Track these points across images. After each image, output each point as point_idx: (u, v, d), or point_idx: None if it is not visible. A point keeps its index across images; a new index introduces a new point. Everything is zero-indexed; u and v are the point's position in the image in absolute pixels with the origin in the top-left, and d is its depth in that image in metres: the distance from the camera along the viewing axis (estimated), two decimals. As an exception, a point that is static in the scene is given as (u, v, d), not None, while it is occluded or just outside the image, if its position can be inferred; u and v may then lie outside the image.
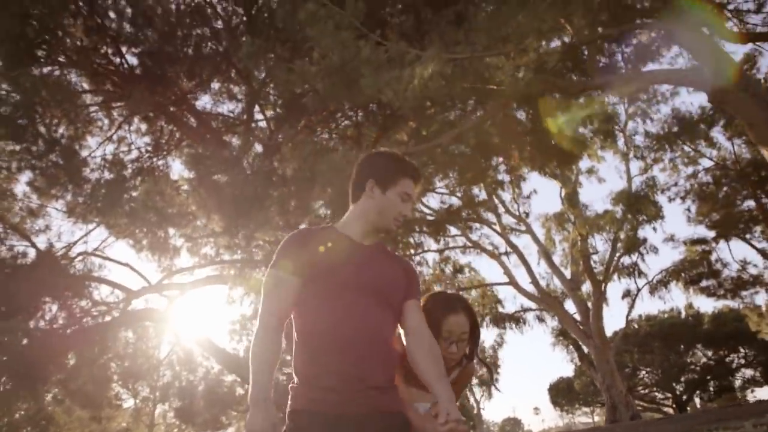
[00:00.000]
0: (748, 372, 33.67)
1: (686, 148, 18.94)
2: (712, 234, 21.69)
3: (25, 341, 12.25)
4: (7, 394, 13.10)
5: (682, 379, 33.76)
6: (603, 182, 23.36)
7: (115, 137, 13.90)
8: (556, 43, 11.42)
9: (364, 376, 1.90)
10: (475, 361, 2.52)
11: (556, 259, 22.95)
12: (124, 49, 12.69)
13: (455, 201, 19.15)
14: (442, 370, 1.97)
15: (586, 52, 11.47)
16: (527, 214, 21.99)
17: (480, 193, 19.85)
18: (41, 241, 13.36)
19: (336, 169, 6.72)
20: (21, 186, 13.26)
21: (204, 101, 18.15)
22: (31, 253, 12.99)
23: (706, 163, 19.64)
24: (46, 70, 11.67)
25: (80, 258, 13.70)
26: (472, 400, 39.13)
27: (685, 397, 34.02)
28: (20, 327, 11.86)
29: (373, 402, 1.89)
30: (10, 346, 11.70)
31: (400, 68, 6.18)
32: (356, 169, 2.26)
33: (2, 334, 11.25)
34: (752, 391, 34.46)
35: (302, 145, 9.92)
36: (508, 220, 21.88)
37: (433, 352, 2.01)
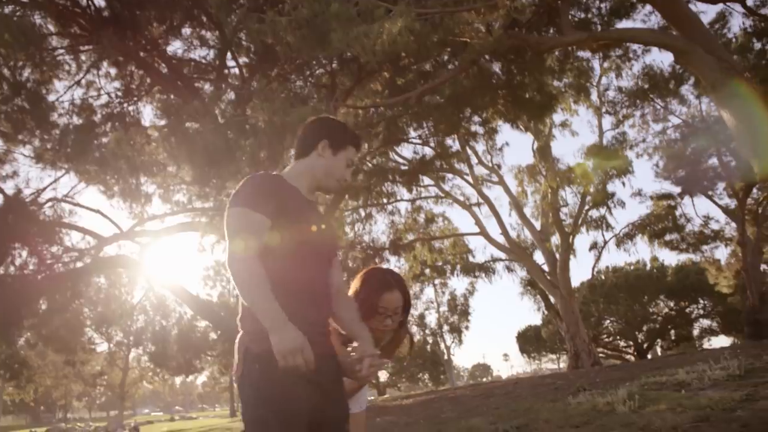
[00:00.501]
0: (706, 322, 35.10)
1: (656, 105, 19.18)
2: (677, 190, 22.24)
3: (-4, 287, 12.30)
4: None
5: (645, 328, 35.01)
6: (576, 136, 23.58)
7: (83, 82, 13.65)
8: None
9: (321, 321, 2.09)
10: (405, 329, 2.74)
11: (527, 210, 23.34)
12: (91, -9, 12.34)
13: (428, 151, 19.23)
14: (359, 318, 2.23)
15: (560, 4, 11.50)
16: (500, 166, 22.24)
17: (453, 143, 19.95)
18: (9, 187, 13.23)
19: (306, 120, 6.76)
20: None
21: (175, 47, 17.80)
22: (-1, 199, 12.87)
23: (675, 120, 19.97)
24: (8, 9, 11.30)
25: (50, 204, 13.62)
26: (442, 346, 40.09)
27: (646, 346, 35.37)
28: (-9, 272, 11.89)
29: (326, 344, 2.09)
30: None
31: (369, 23, 6.20)
32: (308, 128, 2.33)
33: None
34: (709, 340, 36.05)
35: (275, 94, 9.89)
36: (480, 171, 22.11)
37: (352, 305, 2.27)
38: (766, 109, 7.59)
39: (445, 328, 37.60)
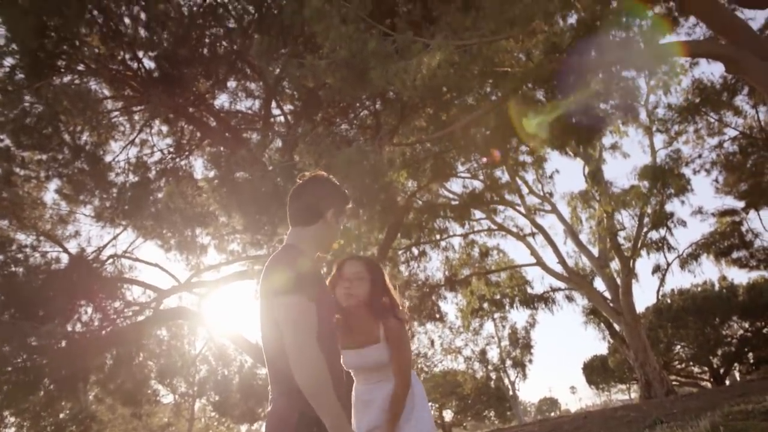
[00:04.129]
0: (788, 342, 33.03)
1: (710, 119, 18.56)
2: (741, 204, 21.30)
3: (63, 343, 12.66)
4: (51, 395, 13.55)
5: (719, 352, 33.23)
6: (627, 157, 23.16)
7: (137, 140, 14.17)
8: (571, 21, 11.33)
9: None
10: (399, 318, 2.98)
11: (583, 237, 22.84)
12: (140, 54, 12.89)
13: (478, 184, 19.10)
14: None
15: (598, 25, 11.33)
16: (551, 194, 21.88)
17: (503, 175, 19.77)
18: (72, 246, 13.74)
19: (351, 162, 6.79)
20: (50, 194, 13.62)
21: (222, 100, 18.34)
22: (64, 258, 13.36)
23: (732, 132, 19.24)
24: (66, 79, 11.91)
25: (111, 260, 14.05)
26: (506, 381, 39.12)
27: (722, 370, 33.54)
28: (58, 330, 12.25)
29: None
30: (50, 349, 12.11)
31: (407, 58, 6.22)
32: (313, 193, 2.29)
33: (41, 338, 11.63)
34: (792, 361, 33.86)
35: (320, 138, 10.01)
36: (532, 200, 21.79)
37: None
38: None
39: (508, 362, 36.71)
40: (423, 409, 2.89)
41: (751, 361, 34.19)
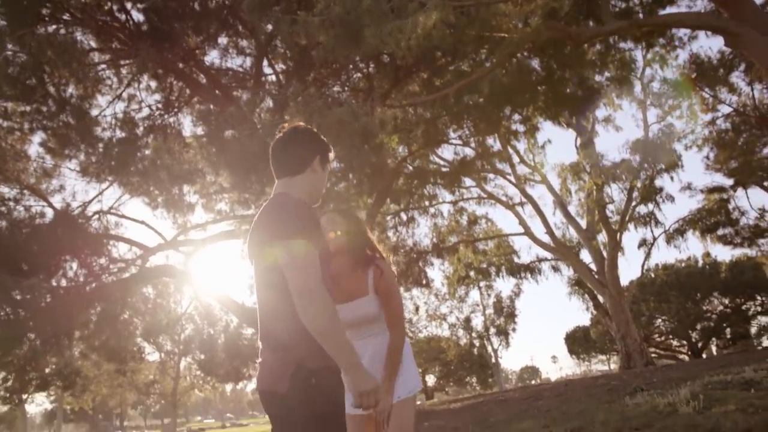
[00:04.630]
0: (765, 319, 33.62)
1: (704, 95, 18.45)
2: (730, 182, 21.38)
3: (48, 298, 12.58)
4: (35, 350, 13.53)
5: (698, 327, 33.78)
6: (620, 131, 23.02)
7: (125, 95, 13.90)
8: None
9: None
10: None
11: (572, 209, 22.85)
12: (128, 5, 12.56)
13: (469, 152, 18.98)
14: None
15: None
16: (542, 165, 21.79)
17: (494, 143, 19.65)
18: (57, 201, 13.54)
19: (342, 122, 6.67)
20: (34, 147, 13.36)
21: (212, 57, 18.04)
22: (49, 213, 13.19)
23: (725, 109, 19.16)
24: (51, 29, 11.57)
25: (96, 216, 13.88)
26: (489, 349, 39.63)
27: (700, 345, 34.15)
28: (41, 285, 12.15)
29: None
30: (34, 304, 12.03)
31: (403, 17, 6.06)
32: (298, 143, 2.28)
33: (24, 292, 11.53)
34: (768, 338, 34.54)
35: (312, 99, 9.84)
36: (522, 170, 21.72)
37: None
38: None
39: (492, 330, 37.15)
40: (411, 364, 2.87)
41: (728, 336, 34.81)
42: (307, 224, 2.00)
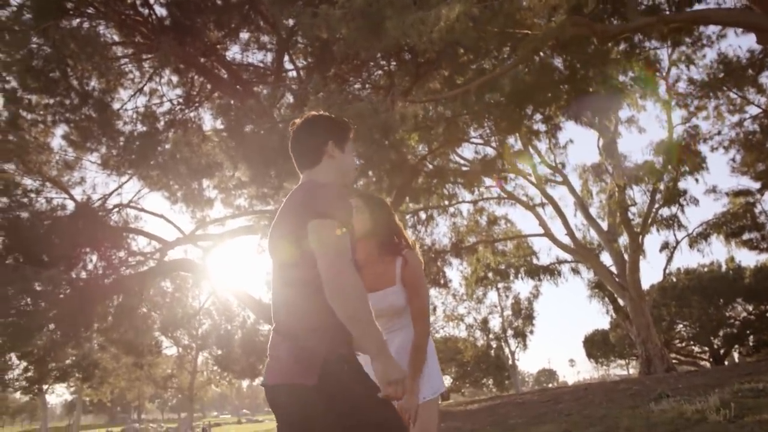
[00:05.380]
0: (790, 326, 32.97)
1: (732, 95, 18.06)
2: (757, 185, 20.89)
3: (68, 290, 12.67)
4: (54, 341, 13.63)
5: (721, 333, 33.26)
6: (643, 132, 22.67)
7: (146, 89, 13.94)
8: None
9: None
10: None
11: (593, 210, 22.58)
12: (151, 0, 12.60)
13: (490, 151, 18.80)
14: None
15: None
16: (563, 165, 21.51)
17: (515, 143, 19.45)
18: (77, 193, 13.63)
19: (362, 116, 6.58)
20: (56, 140, 13.47)
21: (233, 52, 18.04)
22: (70, 205, 13.27)
23: (753, 110, 18.73)
24: (75, 22, 11.64)
25: (116, 209, 13.95)
26: (506, 350, 39.38)
27: (722, 351, 33.59)
28: (62, 276, 12.23)
29: None
30: (53, 295, 12.12)
31: (425, 9, 5.94)
32: (308, 133, 2.22)
33: (44, 283, 11.61)
34: (793, 346, 33.84)
35: (332, 95, 9.77)
36: (543, 170, 21.47)
37: None
38: None
39: (509, 332, 36.91)
40: (434, 363, 2.75)
41: (752, 343, 34.17)
42: (336, 204, 1.93)
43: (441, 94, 11.70)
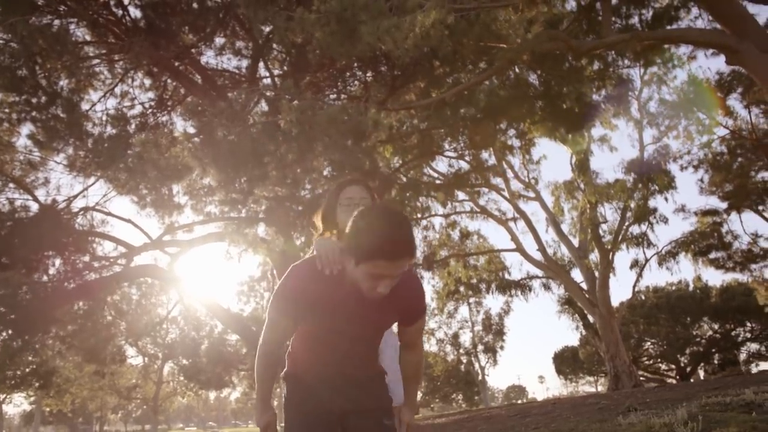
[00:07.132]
0: (754, 346, 33.63)
1: (701, 116, 18.44)
2: (724, 205, 21.32)
3: (27, 294, 12.26)
4: (9, 346, 13.17)
5: (687, 351, 33.75)
6: (615, 151, 23.00)
7: (117, 91, 13.67)
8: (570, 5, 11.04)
9: (341, 362, 2.32)
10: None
11: (565, 227, 22.80)
12: (125, 1, 12.39)
13: (464, 165, 18.86)
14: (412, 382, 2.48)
15: (600, 15, 11.05)
16: (536, 181, 21.78)
17: (489, 157, 19.56)
18: (41, 194, 13.27)
19: (334, 120, 6.49)
20: (22, 139, 13.11)
21: (208, 56, 17.83)
22: (33, 206, 12.91)
23: (722, 132, 19.13)
24: (45, 19, 11.36)
25: (82, 213, 13.61)
26: (476, 366, 39.35)
27: (689, 369, 34.06)
28: (21, 279, 11.84)
29: (348, 372, 2.33)
30: (11, 299, 11.71)
31: (401, 15, 5.90)
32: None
33: (3, 286, 11.23)
34: (756, 365, 34.50)
35: (306, 102, 9.67)
36: (516, 185, 21.63)
37: (409, 365, 2.46)
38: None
39: (480, 347, 36.91)
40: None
41: (717, 361, 34.72)
42: (287, 301, 2.09)
43: (416, 103, 11.67)
